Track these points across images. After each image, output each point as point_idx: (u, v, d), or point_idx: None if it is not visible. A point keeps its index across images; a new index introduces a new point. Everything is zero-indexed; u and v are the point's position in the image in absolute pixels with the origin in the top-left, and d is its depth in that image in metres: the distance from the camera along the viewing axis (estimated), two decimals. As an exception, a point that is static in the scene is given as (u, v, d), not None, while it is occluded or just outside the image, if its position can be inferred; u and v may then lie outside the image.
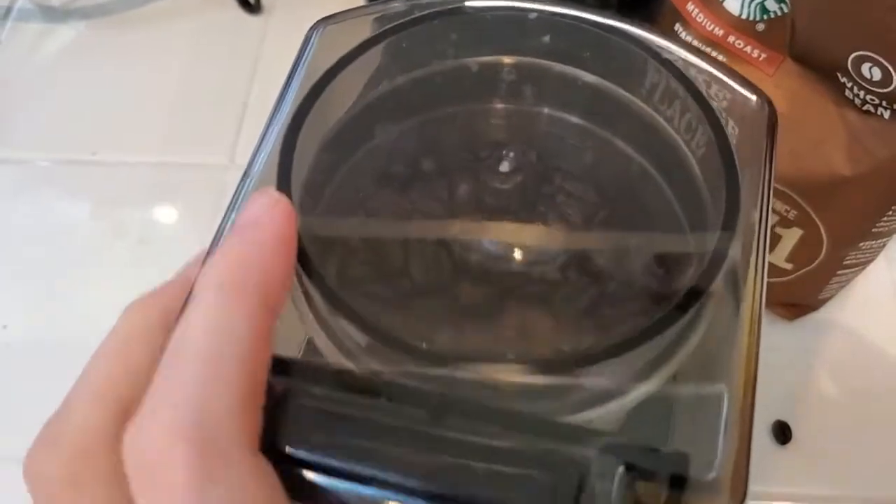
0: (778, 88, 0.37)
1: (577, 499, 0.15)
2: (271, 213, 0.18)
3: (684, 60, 0.21)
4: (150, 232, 0.49)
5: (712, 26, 0.38)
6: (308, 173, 0.22)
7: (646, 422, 0.18)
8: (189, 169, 0.50)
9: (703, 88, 0.20)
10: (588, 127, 0.21)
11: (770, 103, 0.20)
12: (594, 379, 0.18)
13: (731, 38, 0.38)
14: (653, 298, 0.20)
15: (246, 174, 0.22)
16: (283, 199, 0.18)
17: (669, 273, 0.20)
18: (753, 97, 0.20)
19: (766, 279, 0.18)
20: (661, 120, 0.21)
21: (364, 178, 0.22)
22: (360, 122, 0.22)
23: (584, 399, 0.18)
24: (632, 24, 0.20)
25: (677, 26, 0.40)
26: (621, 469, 0.15)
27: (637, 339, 0.16)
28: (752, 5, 0.37)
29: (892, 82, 0.33)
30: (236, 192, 0.22)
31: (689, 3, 0.39)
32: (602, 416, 0.18)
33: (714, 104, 0.20)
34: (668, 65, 0.20)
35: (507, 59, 0.21)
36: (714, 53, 0.39)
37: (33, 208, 0.50)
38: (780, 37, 0.37)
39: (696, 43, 0.39)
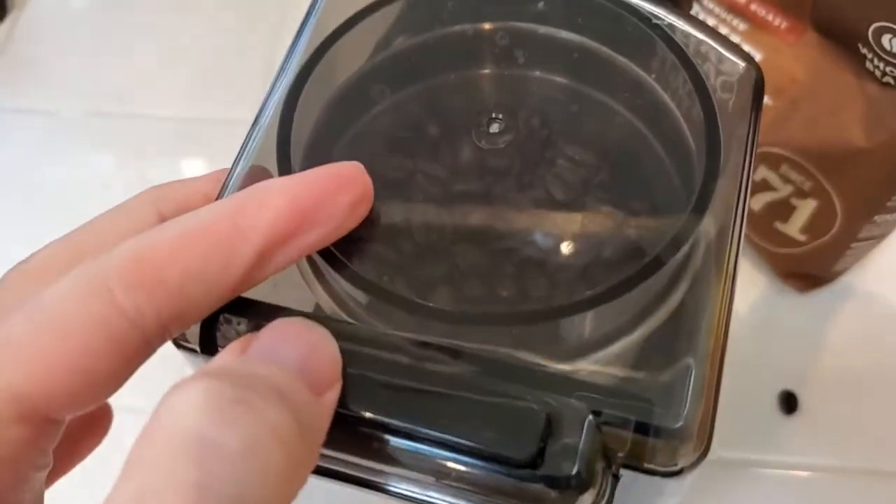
0: (798, 58, 0.37)
1: (545, 441, 0.15)
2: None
3: (674, 27, 0.21)
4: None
5: (735, -7, 0.38)
6: (312, 133, 0.22)
7: (628, 372, 0.19)
8: (214, 124, 0.51)
9: (691, 54, 0.20)
10: (583, 90, 0.22)
11: (759, 69, 0.21)
12: (577, 331, 0.19)
13: (753, 7, 0.38)
14: (640, 252, 0.20)
15: (253, 127, 0.23)
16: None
17: (659, 230, 0.20)
18: (742, 63, 0.21)
19: (741, 239, 0.19)
20: (654, 83, 0.21)
21: (367, 141, 0.22)
22: (361, 85, 0.22)
23: (565, 349, 0.19)
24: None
25: (700, -8, 0.40)
26: (589, 415, 0.16)
27: (604, 296, 0.17)
28: (775, -28, 0.37)
29: (911, 54, 0.32)
30: (245, 142, 0.22)
31: (712, -31, 0.39)
32: (588, 369, 0.19)
33: (703, 70, 0.20)
34: (658, 30, 0.20)
35: (500, 25, 0.22)
36: (736, 21, 0.39)
37: (60, 159, 0.51)
38: (802, 6, 0.36)
39: (718, 10, 0.39)
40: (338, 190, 0.18)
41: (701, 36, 0.21)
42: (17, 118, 0.53)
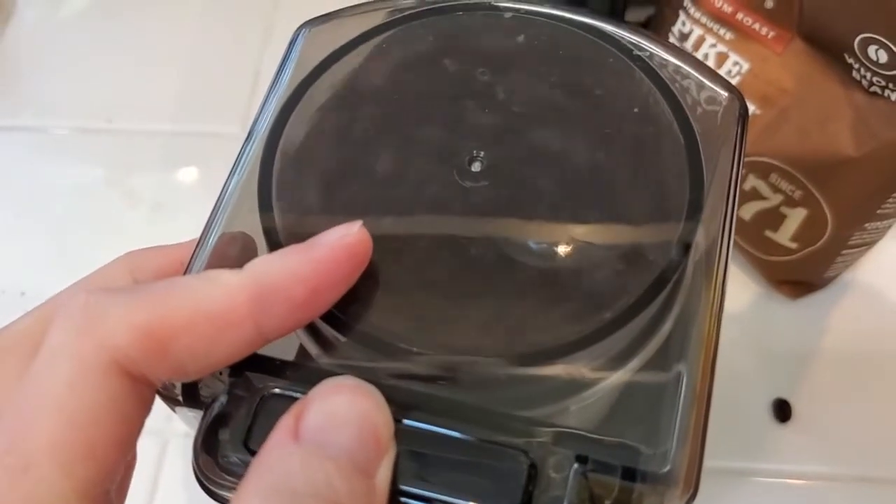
0: (786, 67, 0.37)
1: (530, 491, 0.15)
2: None
3: (656, 56, 0.21)
4: (164, 199, 0.49)
5: (721, 3, 0.38)
6: (292, 173, 0.22)
7: (615, 412, 0.19)
8: (201, 137, 0.51)
9: (672, 84, 0.20)
10: (564, 124, 0.21)
11: (741, 98, 0.20)
12: (562, 371, 0.19)
13: (739, 16, 0.38)
14: (628, 290, 0.20)
15: (236, 164, 0.22)
16: None
17: (647, 265, 0.20)
18: (725, 93, 0.21)
19: (727, 270, 0.19)
20: (636, 114, 0.21)
21: (348, 181, 0.22)
22: (340, 124, 0.22)
23: (555, 390, 0.18)
24: (606, 20, 0.21)
25: (686, 2, 0.39)
26: (574, 463, 0.16)
27: (594, 336, 0.17)
28: (761, -18, 0.37)
29: (897, 65, 0.32)
30: (230, 174, 0.22)
31: (698, -20, 0.39)
32: (577, 406, 0.19)
33: (684, 98, 0.20)
34: (640, 61, 0.20)
35: (482, 59, 0.22)
36: (723, 31, 0.38)
37: (49, 175, 0.51)
38: (789, 15, 0.36)
39: (704, 19, 0.39)
40: (353, 269, 0.18)
41: (684, 66, 0.20)
42: (5, 135, 0.52)
